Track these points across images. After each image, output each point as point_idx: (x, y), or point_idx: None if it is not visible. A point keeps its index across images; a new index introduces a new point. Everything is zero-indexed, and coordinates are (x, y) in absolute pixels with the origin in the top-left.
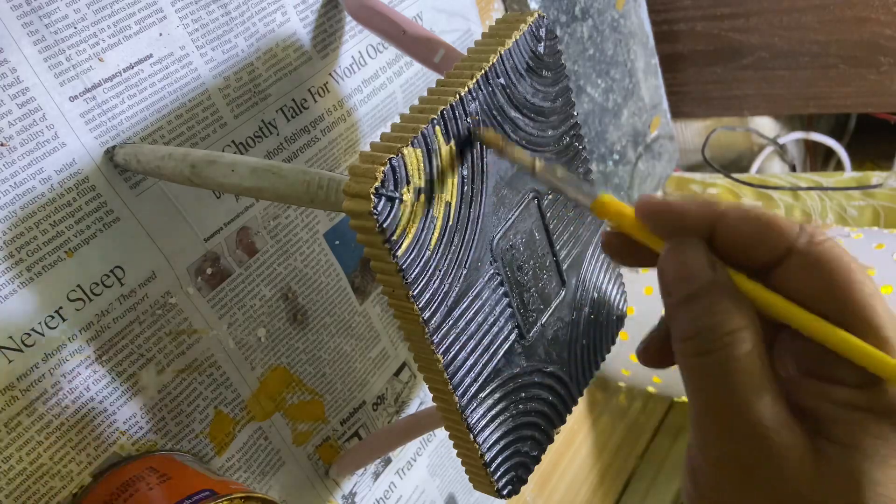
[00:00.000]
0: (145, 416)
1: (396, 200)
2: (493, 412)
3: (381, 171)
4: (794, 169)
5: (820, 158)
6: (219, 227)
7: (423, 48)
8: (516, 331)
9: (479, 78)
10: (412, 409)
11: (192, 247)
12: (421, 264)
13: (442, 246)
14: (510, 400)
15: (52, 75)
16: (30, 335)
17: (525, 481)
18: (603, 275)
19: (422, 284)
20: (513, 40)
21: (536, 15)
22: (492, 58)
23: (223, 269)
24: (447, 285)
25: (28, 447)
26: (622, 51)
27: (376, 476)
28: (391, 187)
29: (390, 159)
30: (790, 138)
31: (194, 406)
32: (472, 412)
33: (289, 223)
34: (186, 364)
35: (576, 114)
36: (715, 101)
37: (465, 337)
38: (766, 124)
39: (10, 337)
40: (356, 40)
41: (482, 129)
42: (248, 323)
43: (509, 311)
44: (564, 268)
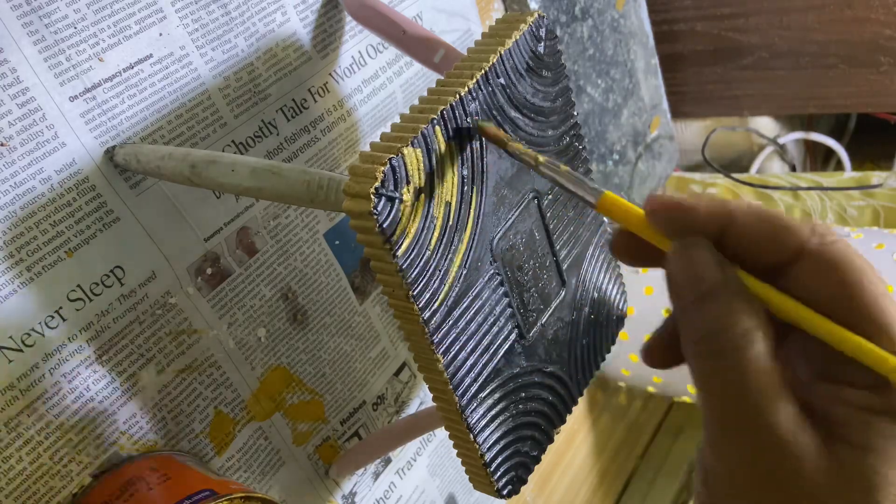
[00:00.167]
0: (145, 416)
1: (396, 200)
2: (493, 412)
3: (381, 171)
4: (794, 169)
5: (820, 158)
6: (219, 227)
7: (423, 48)
8: (516, 331)
9: (479, 78)
10: (412, 409)
11: (192, 247)
12: (421, 264)
13: (442, 246)
14: (510, 400)
15: (52, 75)
16: (30, 335)
17: (525, 481)
18: (603, 275)
19: (422, 284)
20: (513, 40)
21: (536, 15)
22: (492, 58)
23: (223, 269)
24: (447, 285)
25: (28, 447)
26: (622, 51)
27: (376, 476)
28: (391, 187)
29: (390, 159)
30: (790, 138)
31: (194, 406)
32: (472, 412)
33: (289, 223)
34: (186, 364)
35: (576, 114)
36: (715, 101)
37: (465, 337)
38: (766, 124)
39: (10, 337)
40: (356, 40)
41: (484, 122)
42: (248, 323)
43: (509, 311)
44: (564, 268)
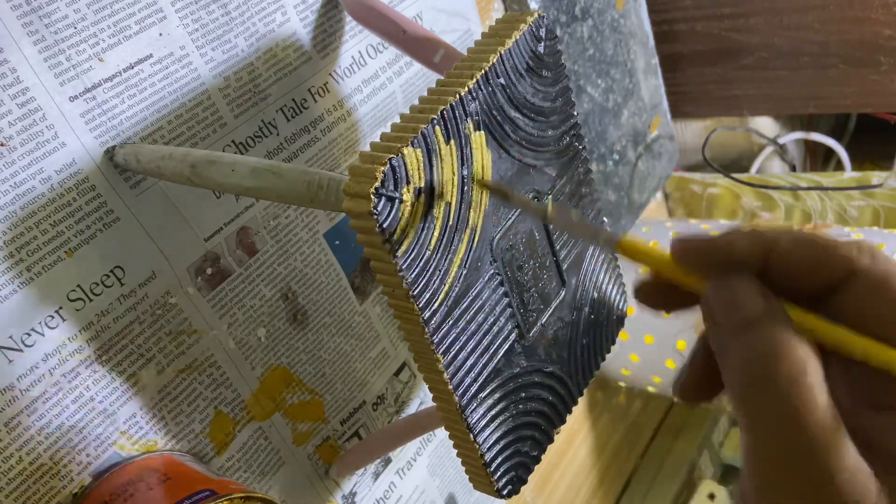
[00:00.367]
0: (145, 416)
1: (396, 200)
2: (493, 412)
3: (381, 171)
4: (794, 169)
5: (820, 158)
6: (219, 227)
7: (423, 48)
8: (516, 331)
9: (479, 78)
10: (412, 409)
11: (192, 247)
12: (421, 264)
13: (442, 246)
14: (510, 400)
15: (52, 75)
16: (30, 335)
17: (525, 481)
18: (603, 275)
19: (422, 284)
20: (513, 40)
21: (536, 15)
22: (492, 58)
23: (223, 269)
24: (447, 285)
25: (28, 447)
26: (622, 51)
27: (376, 476)
28: (391, 187)
29: (390, 159)
30: (790, 138)
31: (194, 406)
32: (472, 412)
33: (289, 223)
34: (186, 364)
35: (576, 114)
36: (715, 101)
37: (465, 337)
38: (766, 124)
39: (10, 337)
40: (356, 40)
41: (483, 180)
42: (248, 323)
43: (509, 311)
44: (564, 268)
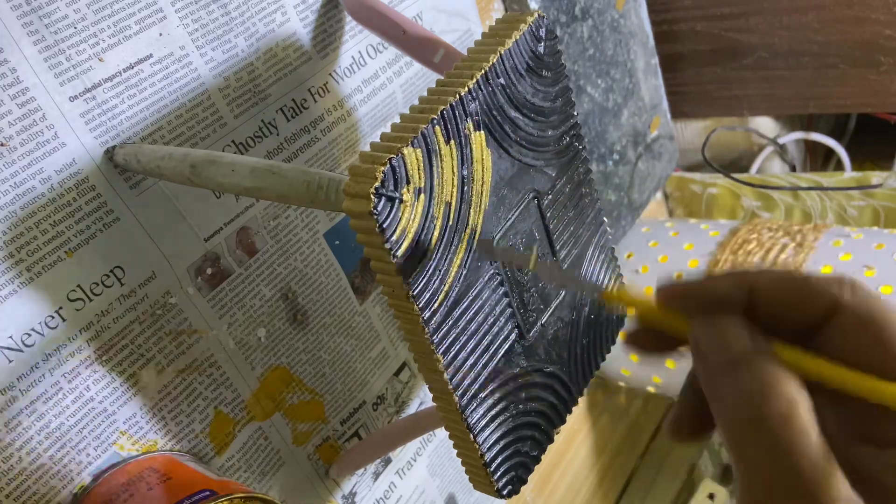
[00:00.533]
0: (145, 416)
1: (396, 200)
2: (493, 412)
3: (381, 171)
4: (794, 169)
5: (820, 158)
6: (219, 227)
7: (423, 48)
8: (516, 331)
9: (479, 78)
10: (412, 409)
11: (192, 247)
12: (421, 264)
13: (442, 246)
14: (510, 400)
15: (52, 75)
16: (30, 335)
17: (525, 481)
18: (603, 275)
19: (422, 284)
20: (513, 40)
21: (536, 15)
22: (492, 58)
23: (223, 269)
24: (447, 285)
25: (28, 447)
26: (622, 51)
27: (376, 476)
28: (391, 187)
29: (390, 159)
30: (790, 138)
31: (194, 406)
32: (472, 412)
33: (289, 223)
34: (186, 364)
35: (576, 114)
36: (715, 101)
37: (465, 337)
38: (766, 124)
39: (10, 337)
40: (356, 40)
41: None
42: (248, 323)
43: (509, 311)
44: (564, 268)
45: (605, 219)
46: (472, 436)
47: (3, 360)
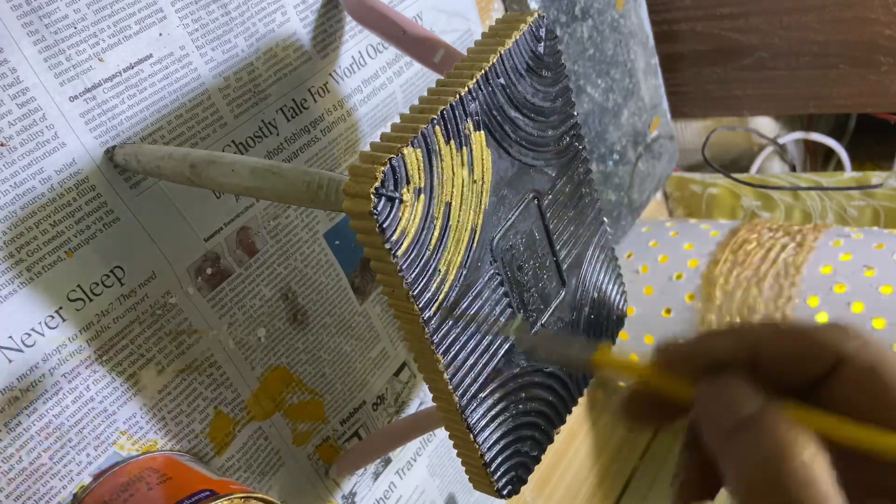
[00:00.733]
0: (145, 416)
1: (396, 200)
2: (493, 412)
3: (381, 171)
4: (794, 169)
5: (820, 158)
6: (219, 227)
7: (423, 48)
8: None
9: (479, 78)
10: (412, 409)
11: (192, 247)
12: (421, 264)
13: (442, 246)
14: (510, 400)
15: (52, 75)
16: (30, 335)
17: (525, 481)
18: (603, 275)
19: (422, 284)
20: (513, 40)
21: (536, 15)
22: (492, 58)
23: (223, 269)
24: (447, 285)
25: (28, 447)
26: (622, 51)
27: (376, 476)
28: (391, 187)
29: (390, 159)
30: (790, 138)
31: (194, 406)
32: (472, 412)
33: (289, 223)
34: (186, 364)
35: (576, 114)
36: (715, 101)
37: (465, 337)
38: (766, 124)
39: (10, 337)
40: (356, 40)
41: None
42: (248, 323)
43: (509, 311)
44: (564, 268)
45: (605, 219)
46: (472, 436)
47: (3, 360)
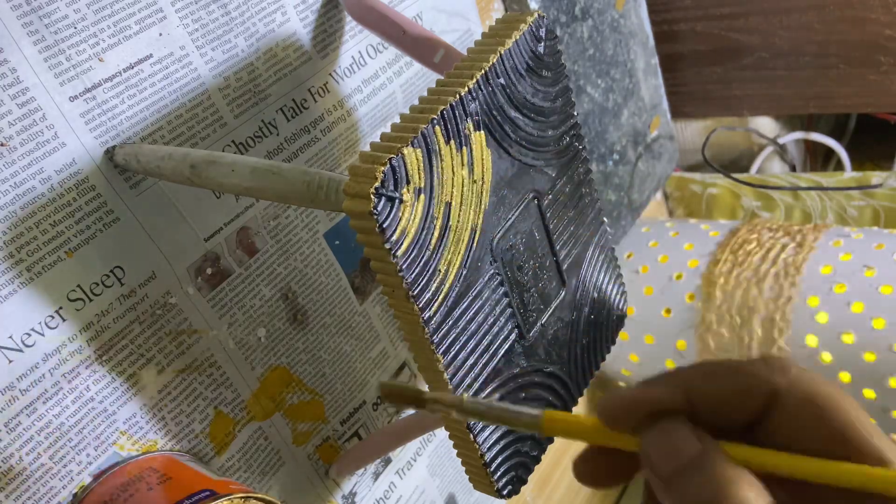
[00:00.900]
0: (145, 416)
1: (396, 200)
2: None
3: (381, 171)
4: (794, 169)
5: (820, 158)
6: (219, 227)
7: (423, 48)
8: (516, 331)
9: (479, 78)
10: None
11: (192, 247)
12: (421, 264)
13: (442, 246)
14: (510, 400)
15: (52, 75)
16: (30, 335)
17: (525, 481)
18: (603, 275)
19: (422, 284)
20: (513, 40)
21: (536, 15)
22: (492, 58)
23: (223, 268)
24: (447, 285)
25: (28, 447)
26: (622, 51)
27: (376, 476)
28: (391, 187)
29: (390, 159)
30: (790, 138)
31: (194, 406)
32: None
33: (289, 223)
34: (186, 364)
35: (576, 114)
36: (715, 101)
37: (465, 337)
38: (766, 124)
39: (10, 337)
40: (356, 40)
41: (387, 383)
42: (248, 323)
43: (509, 311)
44: (564, 268)
45: (605, 219)
46: (472, 436)
47: (3, 360)
